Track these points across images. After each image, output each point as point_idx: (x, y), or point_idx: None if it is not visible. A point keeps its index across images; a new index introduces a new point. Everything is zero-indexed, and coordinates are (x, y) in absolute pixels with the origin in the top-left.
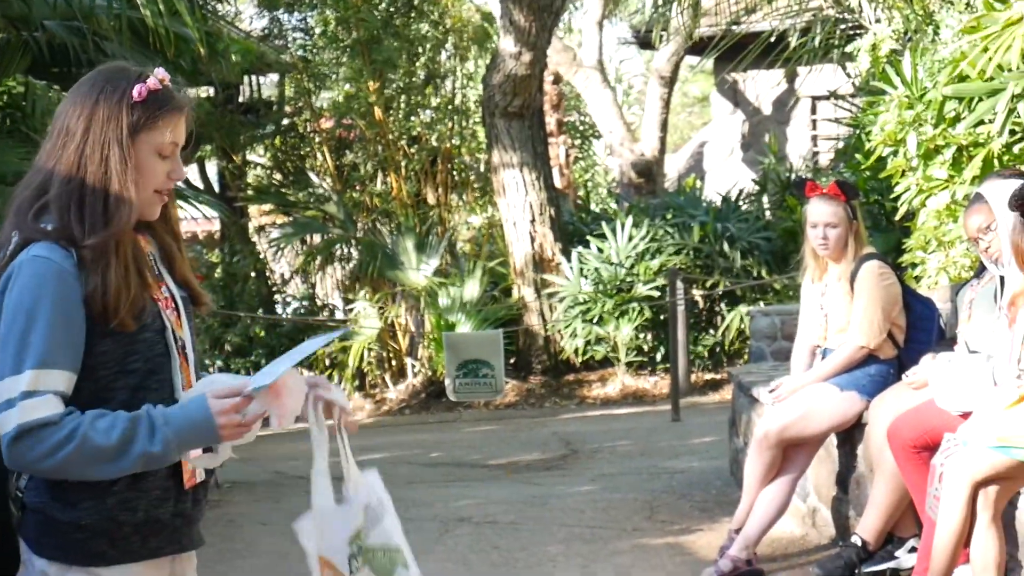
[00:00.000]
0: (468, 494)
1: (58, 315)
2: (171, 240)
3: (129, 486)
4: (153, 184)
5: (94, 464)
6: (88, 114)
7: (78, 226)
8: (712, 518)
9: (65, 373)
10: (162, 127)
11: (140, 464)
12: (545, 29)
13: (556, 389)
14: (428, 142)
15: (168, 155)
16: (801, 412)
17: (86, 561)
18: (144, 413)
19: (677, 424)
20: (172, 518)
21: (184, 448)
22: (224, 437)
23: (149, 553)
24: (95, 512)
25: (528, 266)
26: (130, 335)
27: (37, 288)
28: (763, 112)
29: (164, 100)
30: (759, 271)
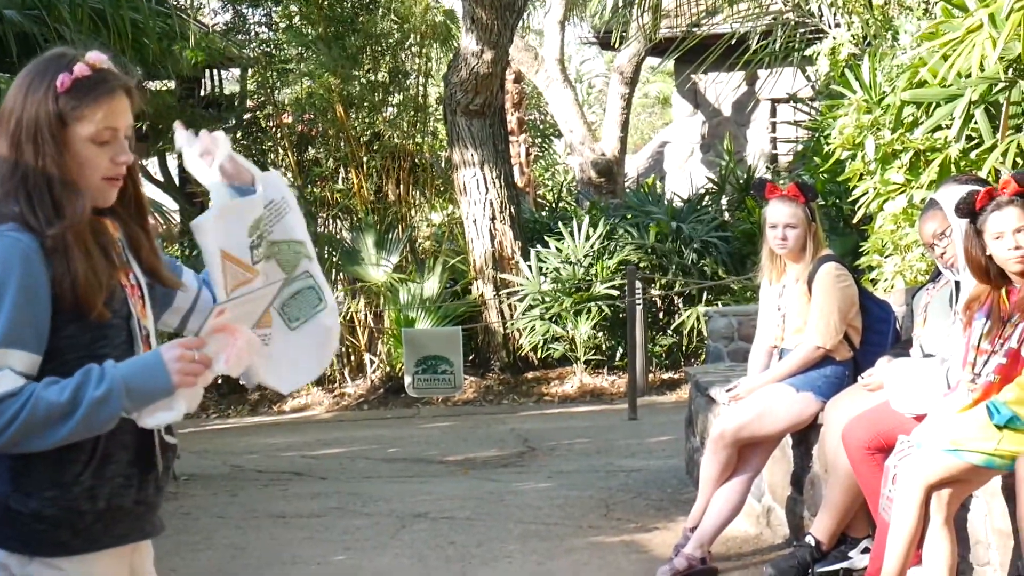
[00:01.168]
0: (425, 490)
1: (23, 296)
2: (138, 227)
3: (94, 475)
4: (98, 172)
5: (52, 425)
6: (21, 105)
7: (32, 217)
8: (667, 516)
9: (26, 353)
10: (90, 115)
11: (92, 413)
12: (507, 28)
13: (514, 386)
14: (390, 139)
15: (107, 140)
16: (757, 412)
17: (48, 552)
18: (95, 364)
19: (634, 423)
20: (135, 505)
21: (135, 395)
22: (174, 375)
23: (113, 541)
24: (57, 503)
25: (488, 264)
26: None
27: (3, 268)
28: (723, 114)
29: (91, 87)
30: (716, 271)
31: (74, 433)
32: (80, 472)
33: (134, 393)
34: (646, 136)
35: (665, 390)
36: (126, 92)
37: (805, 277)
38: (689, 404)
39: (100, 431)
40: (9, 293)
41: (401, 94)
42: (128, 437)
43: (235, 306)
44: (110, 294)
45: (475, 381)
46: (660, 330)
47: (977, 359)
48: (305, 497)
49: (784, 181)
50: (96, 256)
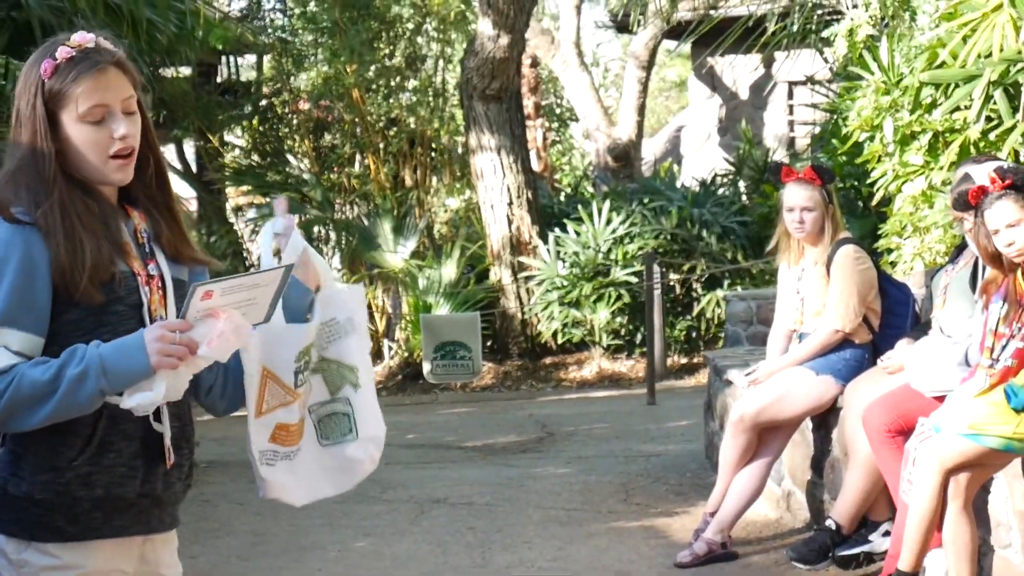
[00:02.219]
0: (444, 476)
1: (21, 278)
2: (162, 216)
3: (89, 461)
4: (98, 151)
5: (36, 403)
6: (19, 95)
7: (31, 201)
8: (687, 501)
9: (22, 334)
10: (75, 95)
11: (71, 391)
12: (523, 12)
13: (533, 372)
14: (407, 124)
15: (101, 118)
16: (776, 396)
17: (43, 537)
18: (82, 344)
19: (653, 407)
20: (138, 498)
21: (112, 375)
22: (152, 356)
23: (112, 532)
24: (51, 487)
25: (505, 249)
26: (99, 306)
27: (4, 251)
28: (740, 97)
29: (73, 67)
30: (735, 255)
31: (57, 412)
32: (74, 457)
33: (111, 373)
34: (662, 120)
35: (684, 374)
36: (116, 66)
37: (824, 260)
38: (708, 388)
39: (83, 410)
40: (8, 274)
41: (418, 79)
42: (132, 427)
43: (224, 292)
44: (110, 278)
45: (493, 367)
46: (679, 314)
47: (995, 344)
48: None
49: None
50: (88, 239)
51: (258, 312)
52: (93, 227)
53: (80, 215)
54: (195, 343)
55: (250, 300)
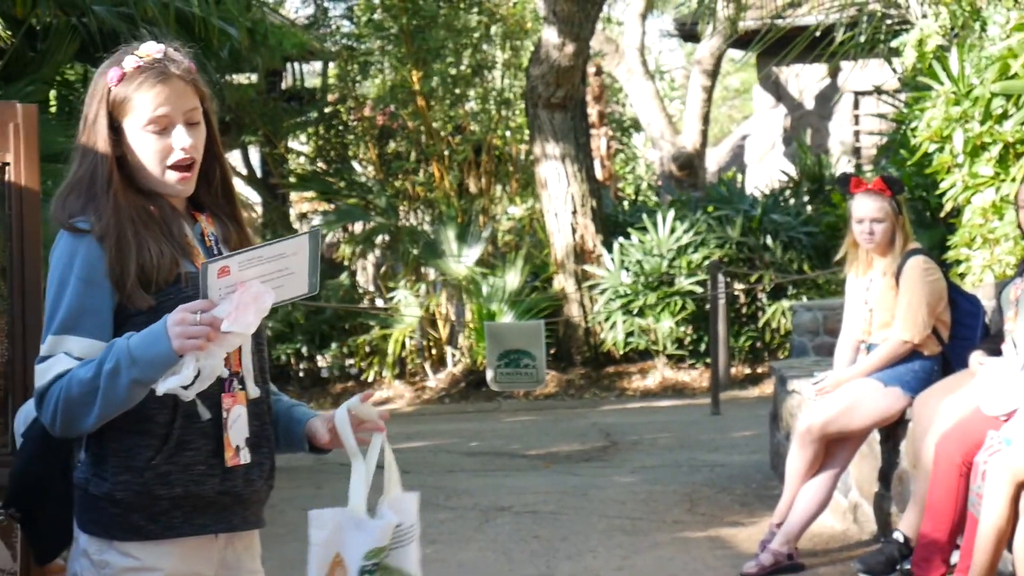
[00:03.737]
0: (508, 484)
1: (82, 284)
2: (228, 218)
3: (167, 460)
4: (159, 160)
5: (87, 403)
6: (88, 102)
7: (88, 206)
8: (753, 512)
9: (84, 339)
10: (139, 104)
11: (109, 386)
12: (589, 20)
13: (596, 380)
14: (472, 132)
15: (164, 128)
16: (844, 407)
17: (124, 536)
18: (116, 339)
19: (717, 417)
20: (218, 496)
21: (141, 363)
22: (174, 339)
23: (193, 530)
24: (130, 486)
25: (569, 257)
26: (168, 309)
27: (66, 260)
28: (805, 106)
29: (139, 76)
30: (801, 265)
31: (104, 408)
32: (152, 457)
33: (139, 361)
34: (726, 129)
35: (748, 385)
36: (183, 77)
37: (893, 271)
38: (774, 399)
39: (126, 404)
40: (71, 283)
41: (483, 87)
42: (209, 426)
43: (242, 265)
44: (176, 279)
45: (556, 375)
46: (743, 324)
47: None
48: None
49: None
50: (134, 243)
51: (298, 282)
52: (152, 232)
53: (137, 221)
54: (218, 320)
55: (283, 271)
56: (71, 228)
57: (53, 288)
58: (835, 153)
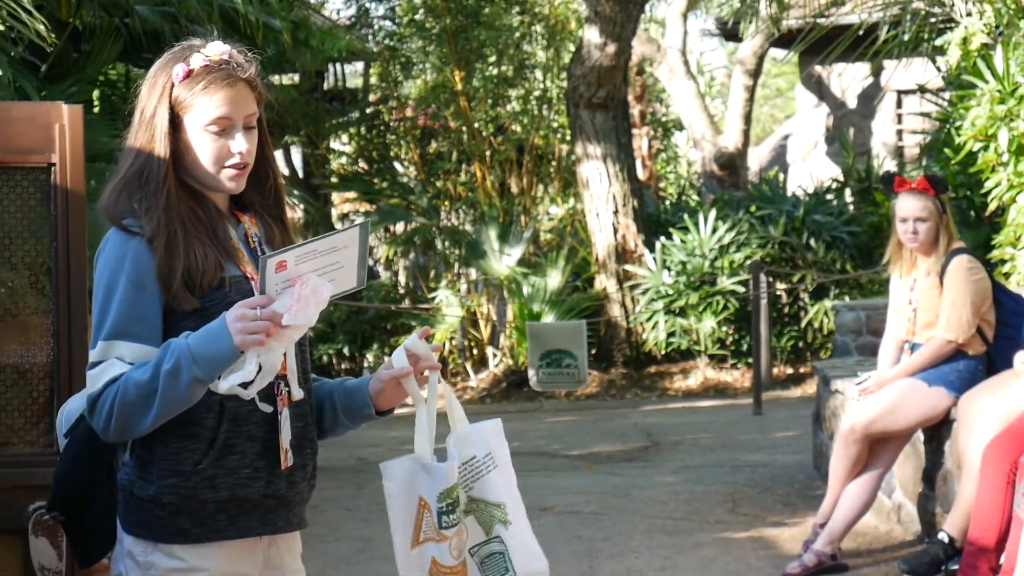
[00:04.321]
0: (550, 484)
1: (132, 288)
2: (274, 220)
3: (214, 464)
4: (215, 161)
5: (144, 405)
6: (145, 97)
7: (138, 206)
8: (795, 512)
9: (136, 345)
10: (202, 104)
11: (169, 386)
12: (631, 20)
13: (637, 380)
14: (513, 132)
15: (223, 130)
16: (888, 407)
17: (169, 539)
18: (173, 339)
19: (759, 417)
20: (262, 498)
21: (202, 361)
22: (235, 335)
23: (238, 532)
24: (177, 490)
25: (611, 257)
26: (215, 312)
27: (116, 262)
28: (848, 105)
29: (204, 77)
30: (844, 265)
31: (163, 409)
32: (199, 460)
33: (200, 359)
34: (768, 129)
35: (790, 385)
36: (246, 82)
37: (937, 270)
38: (817, 398)
39: (186, 403)
40: (119, 287)
41: (525, 87)
42: (254, 429)
43: (298, 259)
44: (220, 283)
45: (598, 375)
46: (785, 324)
47: None
48: None
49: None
50: (184, 245)
51: (348, 276)
52: (199, 234)
53: (186, 222)
54: (278, 315)
55: (334, 264)
56: (122, 228)
57: (102, 290)
58: (877, 152)
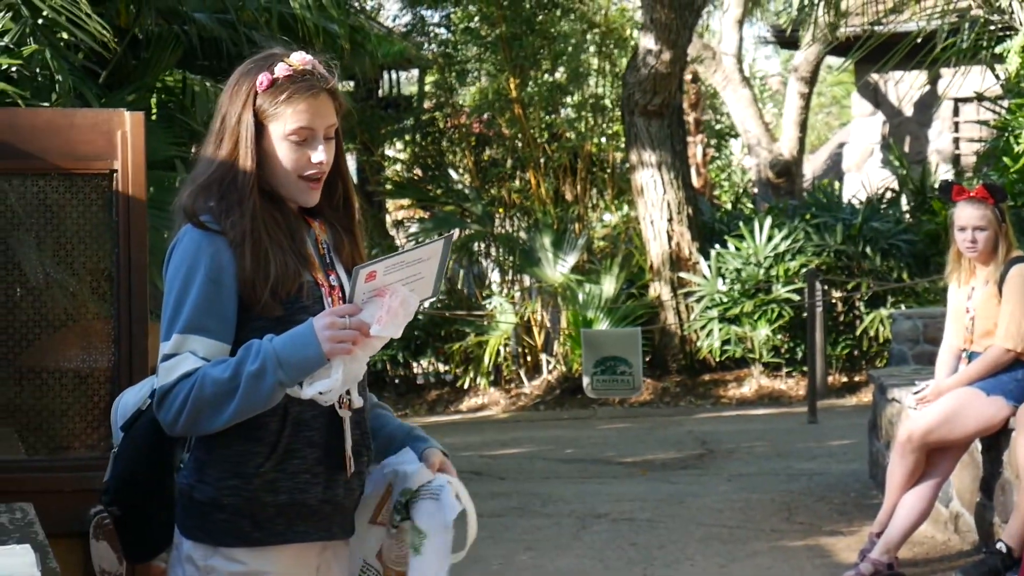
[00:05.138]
0: (604, 491)
1: (210, 284)
2: (343, 229)
3: (275, 467)
4: (294, 170)
5: (220, 403)
6: (226, 104)
7: (222, 211)
8: (851, 521)
9: (210, 340)
10: (285, 114)
11: (251, 388)
12: (686, 27)
13: (691, 388)
14: (568, 140)
15: (304, 139)
16: (946, 416)
17: (229, 542)
18: (256, 340)
19: (814, 426)
20: (321, 504)
21: (288, 366)
22: (324, 343)
23: (296, 537)
24: (238, 492)
25: (665, 265)
26: (289, 316)
27: (193, 257)
28: (904, 113)
29: (288, 86)
30: (900, 274)
31: (240, 409)
32: (261, 463)
33: (287, 364)
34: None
35: (845, 393)
36: (328, 92)
37: (995, 279)
38: (873, 407)
39: (265, 406)
40: (197, 282)
41: (579, 94)
42: (316, 435)
43: (387, 270)
44: (297, 289)
45: (652, 383)
46: (840, 332)
47: None
48: (485, 496)
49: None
50: (274, 250)
51: (425, 287)
52: (280, 240)
53: (268, 227)
54: (366, 325)
55: (416, 275)
56: (201, 225)
57: (178, 283)
58: (934, 161)
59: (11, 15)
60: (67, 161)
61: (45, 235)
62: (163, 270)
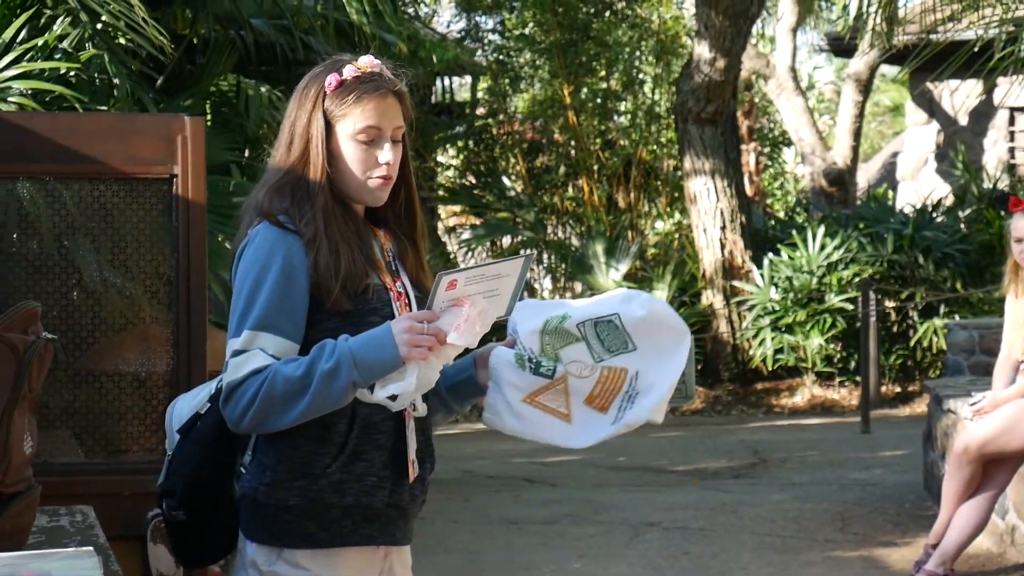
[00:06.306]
0: (657, 499)
1: (283, 281)
2: (406, 236)
3: (341, 469)
4: (360, 170)
5: (290, 401)
6: (295, 108)
7: (296, 211)
8: (906, 532)
9: (280, 339)
10: (353, 114)
11: (324, 386)
12: (741, 35)
13: (743, 397)
14: (621, 147)
15: (372, 140)
16: (1003, 427)
17: (295, 543)
18: (329, 340)
19: (867, 436)
20: (386, 508)
21: (363, 367)
22: (401, 346)
23: (361, 540)
24: (305, 493)
25: (718, 273)
26: (358, 317)
27: (267, 254)
28: (959, 123)
29: (356, 87)
30: (954, 284)
31: (311, 407)
32: (328, 464)
33: (362, 365)
34: (876, 145)
35: (898, 403)
36: (395, 95)
37: None
38: (928, 418)
39: (336, 405)
40: (269, 279)
41: (632, 101)
42: (383, 438)
43: (467, 280)
44: (364, 289)
45: (703, 391)
46: (893, 342)
47: None
48: (537, 504)
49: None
50: (344, 248)
51: (500, 303)
52: (349, 239)
53: (339, 226)
54: (443, 332)
55: (492, 291)
56: (277, 224)
57: (251, 280)
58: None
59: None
60: (127, 165)
61: (104, 239)
62: (232, 269)
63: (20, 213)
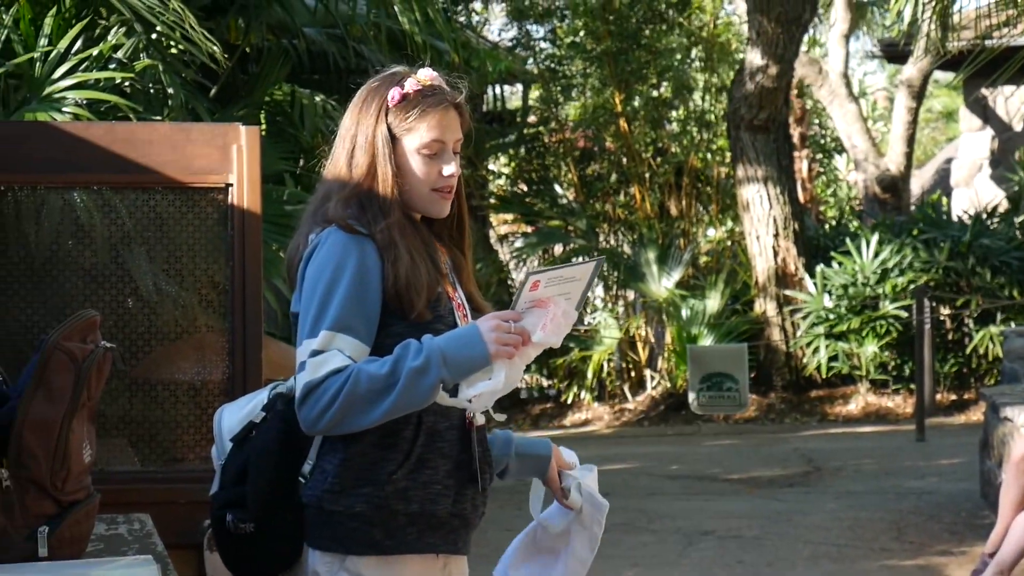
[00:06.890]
0: (710, 507)
1: (357, 284)
2: (460, 253)
3: (407, 476)
4: (426, 183)
5: (374, 399)
6: (356, 121)
7: (365, 218)
8: (962, 541)
9: (356, 341)
10: (417, 127)
11: (412, 384)
12: (793, 42)
13: (797, 405)
14: (673, 154)
15: (435, 152)
16: None
17: (360, 550)
18: (413, 339)
19: (922, 444)
20: (449, 517)
21: (452, 365)
22: (490, 344)
23: (424, 548)
24: (371, 500)
25: (771, 281)
26: (427, 324)
27: (341, 256)
28: (1013, 128)
29: (419, 101)
30: (1011, 291)
31: (396, 405)
32: (394, 471)
33: (451, 363)
34: (929, 152)
35: (953, 411)
36: (455, 107)
37: None
38: (984, 426)
39: (421, 404)
40: (344, 280)
41: (684, 108)
42: (447, 447)
43: (548, 282)
44: (436, 299)
45: (757, 399)
46: (948, 350)
47: None
48: None
49: None
50: (419, 259)
51: (571, 306)
52: (422, 251)
53: (410, 236)
54: (527, 332)
55: (566, 293)
56: (349, 228)
57: (324, 282)
58: None
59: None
60: (183, 175)
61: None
62: (299, 272)
63: (76, 223)
